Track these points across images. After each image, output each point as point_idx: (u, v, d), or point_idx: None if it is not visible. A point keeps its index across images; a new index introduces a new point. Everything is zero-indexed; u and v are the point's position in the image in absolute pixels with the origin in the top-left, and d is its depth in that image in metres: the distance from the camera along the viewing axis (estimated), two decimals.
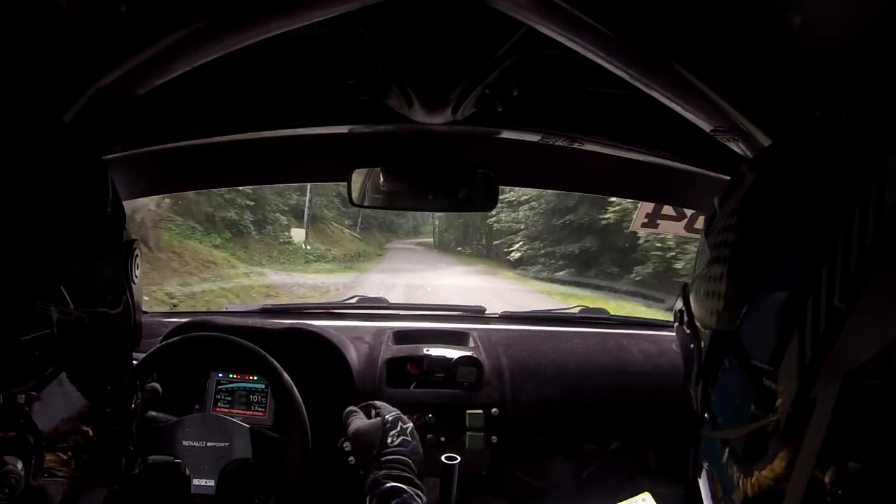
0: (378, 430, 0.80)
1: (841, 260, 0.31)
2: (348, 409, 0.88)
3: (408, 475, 0.75)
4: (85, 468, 0.45)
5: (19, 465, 0.38)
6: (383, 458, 0.76)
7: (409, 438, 0.81)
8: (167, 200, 7.94)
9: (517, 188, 10.94)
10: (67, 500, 0.44)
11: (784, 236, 0.36)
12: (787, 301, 0.34)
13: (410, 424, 0.84)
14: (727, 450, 0.39)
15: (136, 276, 0.52)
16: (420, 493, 0.73)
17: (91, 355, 0.45)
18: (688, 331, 0.45)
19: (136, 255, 0.52)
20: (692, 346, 0.44)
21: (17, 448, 0.38)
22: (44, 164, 0.43)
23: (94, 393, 0.45)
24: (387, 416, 0.82)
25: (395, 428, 0.81)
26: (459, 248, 21.23)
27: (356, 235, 18.08)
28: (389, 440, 0.78)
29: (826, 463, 0.31)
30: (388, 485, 0.72)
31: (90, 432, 0.45)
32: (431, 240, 25.79)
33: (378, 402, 0.88)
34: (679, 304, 0.48)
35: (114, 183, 0.50)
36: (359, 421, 0.84)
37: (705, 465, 0.43)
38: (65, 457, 0.43)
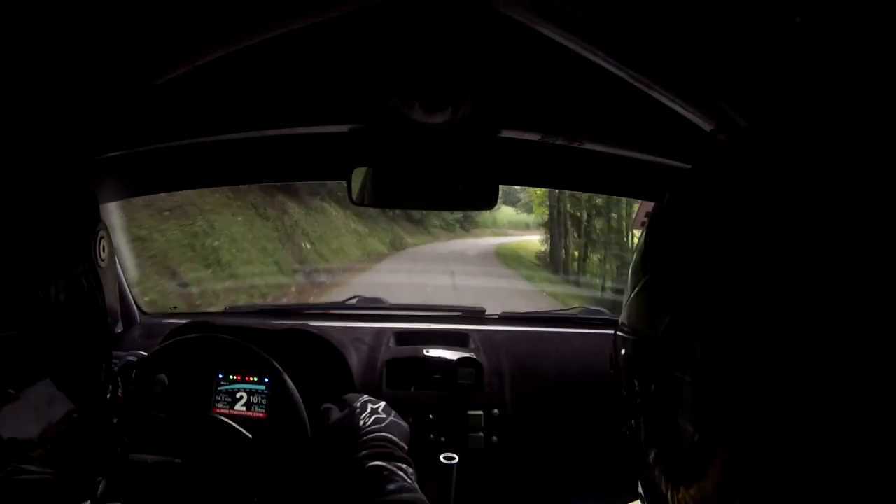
0: (351, 417, 0.80)
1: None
2: (323, 406, 0.87)
3: (389, 450, 0.73)
4: (64, 463, 0.45)
5: None
6: (361, 441, 0.75)
7: (383, 415, 0.80)
8: None
9: None
10: (51, 496, 0.44)
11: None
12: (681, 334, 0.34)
13: (382, 403, 0.83)
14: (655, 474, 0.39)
15: (103, 260, 0.51)
16: (404, 467, 0.71)
17: (62, 347, 0.45)
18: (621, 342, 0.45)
19: (101, 238, 0.51)
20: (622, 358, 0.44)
21: None
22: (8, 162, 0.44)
23: (70, 386, 0.45)
24: (355, 403, 0.82)
25: (366, 410, 0.81)
26: None
27: None
28: (362, 422, 0.78)
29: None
30: (369, 464, 0.70)
31: (67, 427, 0.45)
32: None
33: (347, 395, 0.87)
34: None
35: (91, 179, 0.50)
36: (335, 414, 0.84)
37: (640, 489, 0.43)
38: (41, 452, 0.43)
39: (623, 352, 0.43)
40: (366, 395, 0.85)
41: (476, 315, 1.49)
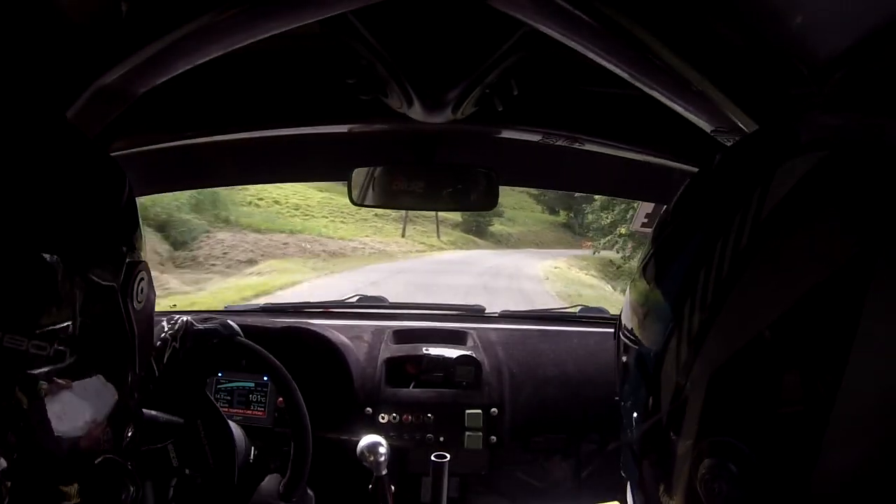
0: None
1: (716, 264, 0.32)
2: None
3: None
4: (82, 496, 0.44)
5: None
6: None
7: None
8: None
9: None
10: None
11: (677, 250, 0.37)
12: (671, 306, 0.34)
13: None
14: (634, 459, 0.38)
15: (139, 301, 0.47)
16: None
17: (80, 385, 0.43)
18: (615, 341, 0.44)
19: (141, 279, 0.47)
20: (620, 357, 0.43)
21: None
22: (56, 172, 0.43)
23: (84, 427, 0.44)
24: None
25: None
26: None
27: None
28: None
29: (702, 456, 0.31)
30: None
31: (84, 461, 0.44)
32: None
33: None
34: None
35: (132, 194, 0.49)
36: None
37: (628, 483, 0.42)
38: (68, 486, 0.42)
39: (624, 359, 0.41)
40: None
41: (475, 313, 1.49)
